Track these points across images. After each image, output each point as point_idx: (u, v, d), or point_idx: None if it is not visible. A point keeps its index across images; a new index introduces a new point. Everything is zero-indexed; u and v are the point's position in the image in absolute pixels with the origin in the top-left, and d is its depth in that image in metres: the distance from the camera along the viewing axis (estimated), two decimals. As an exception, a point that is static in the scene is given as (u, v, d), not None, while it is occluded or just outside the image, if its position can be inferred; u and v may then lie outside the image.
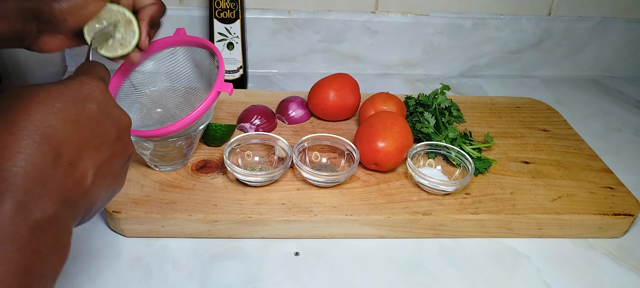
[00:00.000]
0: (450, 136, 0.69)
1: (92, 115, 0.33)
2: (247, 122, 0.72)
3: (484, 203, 0.62)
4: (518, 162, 0.71)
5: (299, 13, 0.90)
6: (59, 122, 0.30)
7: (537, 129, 0.79)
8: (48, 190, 0.29)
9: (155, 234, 0.58)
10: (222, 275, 0.54)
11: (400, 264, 0.58)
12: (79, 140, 0.31)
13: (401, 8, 0.92)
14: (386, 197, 0.62)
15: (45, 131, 0.29)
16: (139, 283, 0.53)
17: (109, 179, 0.35)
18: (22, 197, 0.27)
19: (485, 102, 0.85)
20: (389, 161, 0.63)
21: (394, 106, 0.71)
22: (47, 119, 0.30)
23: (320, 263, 0.57)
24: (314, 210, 0.59)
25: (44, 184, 0.28)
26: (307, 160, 0.67)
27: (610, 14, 0.98)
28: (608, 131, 0.86)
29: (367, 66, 0.97)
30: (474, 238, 0.62)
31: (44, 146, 0.29)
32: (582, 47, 1.01)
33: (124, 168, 0.38)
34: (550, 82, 1.01)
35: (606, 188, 0.66)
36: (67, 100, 0.31)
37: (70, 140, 0.31)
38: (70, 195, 0.31)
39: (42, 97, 0.30)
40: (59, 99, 0.31)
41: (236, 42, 0.82)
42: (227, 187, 0.61)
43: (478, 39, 0.96)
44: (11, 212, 0.26)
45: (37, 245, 0.27)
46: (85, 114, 0.32)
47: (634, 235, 0.64)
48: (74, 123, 0.31)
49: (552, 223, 0.61)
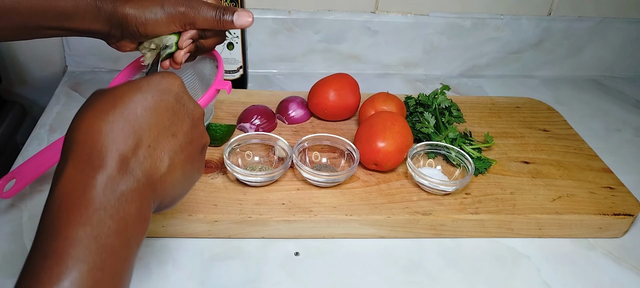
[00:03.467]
0: (450, 136, 0.69)
1: (169, 105, 0.37)
2: (247, 122, 0.72)
3: (484, 203, 0.62)
4: (518, 162, 0.71)
5: (299, 13, 0.90)
6: (140, 110, 0.35)
7: (537, 129, 0.79)
8: (131, 168, 0.33)
9: (155, 234, 0.58)
10: (222, 275, 0.55)
11: (400, 264, 0.58)
12: (157, 127, 0.36)
13: (401, 8, 0.92)
14: (386, 197, 0.62)
15: (129, 118, 0.34)
16: (139, 283, 0.53)
17: (187, 166, 0.39)
18: (112, 172, 0.32)
19: (485, 102, 0.85)
20: (389, 161, 0.63)
21: (394, 106, 0.71)
22: (130, 108, 0.34)
23: (320, 263, 0.57)
24: (314, 210, 0.59)
25: (128, 163, 0.33)
26: (307, 160, 0.67)
27: (611, 14, 0.98)
28: (608, 131, 0.86)
29: (367, 66, 0.97)
30: (474, 238, 0.62)
31: (127, 130, 0.34)
32: (582, 47, 1.01)
33: (201, 156, 0.41)
34: (550, 82, 1.01)
35: (606, 188, 0.66)
36: (147, 91, 0.36)
37: (151, 126, 0.35)
38: (149, 174, 0.35)
39: (126, 89, 0.35)
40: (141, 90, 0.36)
41: (236, 42, 0.82)
42: (227, 187, 0.61)
43: (478, 39, 0.96)
44: (103, 185, 0.32)
45: (124, 213, 0.32)
46: (163, 104, 0.36)
47: (634, 235, 0.64)
48: (153, 111, 0.36)
49: (552, 223, 0.61)
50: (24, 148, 0.70)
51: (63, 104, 0.81)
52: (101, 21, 0.50)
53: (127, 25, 0.51)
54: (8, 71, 0.90)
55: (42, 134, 0.73)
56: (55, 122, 0.76)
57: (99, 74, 0.90)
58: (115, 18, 0.50)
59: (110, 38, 0.53)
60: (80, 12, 0.49)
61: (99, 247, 0.30)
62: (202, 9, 0.52)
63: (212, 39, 0.57)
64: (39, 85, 0.92)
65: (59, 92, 0.84)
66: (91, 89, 0.84)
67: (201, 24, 0.53)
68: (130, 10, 0.50)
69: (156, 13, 0.51)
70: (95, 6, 0.49)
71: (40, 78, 0.91)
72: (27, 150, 0.70)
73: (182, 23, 0.52)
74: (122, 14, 0.50)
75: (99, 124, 0.33)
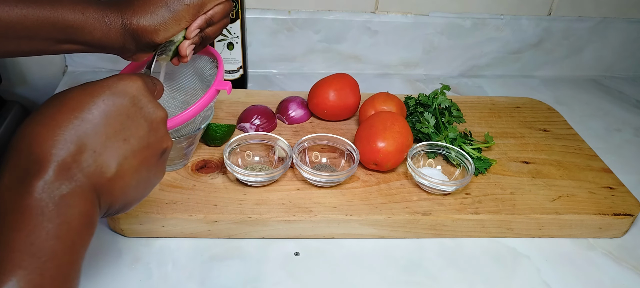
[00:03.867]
0: (450, 136, 0.69)
1: (122, 109, 0.36)
2: (247, 122, 0.72)
3: (484, 203, 0.62)
4: (518, 162, 0.71)
5: (299, 13, 0.90)
6: (87, 114, 0.34)
7: (537, 129, 0.79)
8: (72, 173, 0.33)
9: (155, 234, 0.58)
10: (222, 275, 0.55)
11: (400, 264, 0.58)
12: (105, 132, 0.35)
13: (401, 8, 0.92)
14: (386, 197, 0.62)
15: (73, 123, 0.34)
16: (139, 283, 0.53)
17: (142, 171, 0.38)
18: (49, 177, 0.32)
19: (485, 102, 0.85)
20: (389, 161, 0.63)
21: (394, 106, 0.71)
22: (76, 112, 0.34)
23: (320, 263, 0.57)
24: (314, 210, 0.59)
25: (69, 168, 0.33)
26: (307, 160, 0.67)
27: (611, 14, 0.98)
28: (608, 131, 0.86)
29: (367, 66, 0.97)
30: (474, 238, 0.62)
31: (70, 136, 0.33)
32: (582, 47, 1.01)
33: (160, 160, 0.41)
34: (550, 82, 1.01)
35: (606, 188, 0.66)
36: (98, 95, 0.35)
37: (97, 131, 0.35)
38: (94, 179, 0.35)
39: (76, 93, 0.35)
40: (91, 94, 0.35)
41: (236, 42, 0.82)
42: (227, 187, 0.61)
43: (478, 39, 0.96)
44: (40, 190, 0.32)
45: (65, 218, 0.32)
46: (115, 108, 0.36)
47: (634, 235, 0.64)
48: (103, 115, 0.35)
49: (552, 223, 0.61)
50: (24, 148, 0.70)
51: (63, 104, 0.81)
52: (112, 34, 0.50)
53: (140, 36, 0.50)
54: (8, 71, 0.90)
55: (42, 134, 0.73)
56: (55, 122, 0.76)
57: (99, 73, 0.90)
58: (128, 31, 0.49)
59: (125, 52, 0.52)
60: (88, 26, 0.49)
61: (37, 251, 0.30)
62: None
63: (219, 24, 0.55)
64: (39, 85, 0.92)
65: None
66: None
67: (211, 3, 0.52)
68: (139, 20, 0.49)
69: (163, 15, 0.50)
70: (103, 19, 0.49)
71: (40, 78, 0.91)
72: (27, 150, 0.70)
73: (191, 14, 0.51)
74: (133, 27, 0.49)
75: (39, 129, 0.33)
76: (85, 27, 0.49)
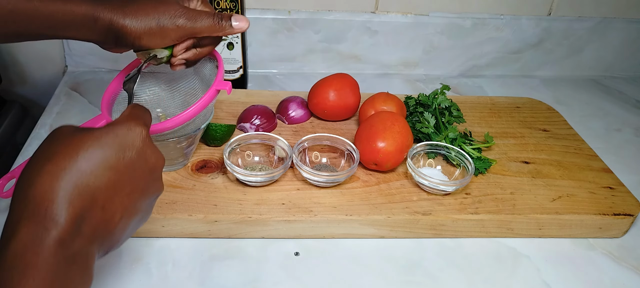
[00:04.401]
0: (450, 136, 0.69)
1: (129, 162, 0.36)
2: (247, 122, 0.72)
3: (484, 203, 0.62)
4: (518, 162, 0.71)
5: (299, 13, 0.90)
6: (99, 169, 0.34)
7: (537, 129, 0.79)
8: (82, 229, 0.33)
9: (155, 234, 0.58)
10: (222, 275, 0.55)
11: (400, 264, 0.58)
12: (114, 186, 0.35)
13: (401, 8, 0.92)
14: (386, 197, 0.62)
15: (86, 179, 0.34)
16: (139, 283, 0.53)
17: (137, 217, 0.39)
18: (63, 234, 0.32)
19: (485, 102, 0.85)
20: (389, 161, 0.63)
21: (394, 106, 0.71)
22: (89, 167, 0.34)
23: (320, 263, 0.57)
24: (314, 210, 0.59)
25: (80, 224, 0.33)
26: (307, 160, 0.67)
27: (611, 14, 0.98)
28: (608, 131, 0.86)
29: (367, 66, 0.97)
30: (474, 238, 0.62)
31: (83, 190, 0.33)
32: (582, 47, 1.01)
33: (151, 205, 0.41)
34: (550, 82, 1.01)
35: (606, 188, 0.66)
36: (110, 148, 0.35)
37: (107, 186, 0.35)
38: (99, 233, 0.35)
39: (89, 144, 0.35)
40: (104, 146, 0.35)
41: (236, 42, 0.82)
42: (227, 187, 0.61)
43: (478, 39, 0.96)
44: (55, 247, 0.32)
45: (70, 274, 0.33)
46: (124, 162, 0.36)
47: (634, 235, 0.64)
48: (112, 170, 0.35)
49: (552, 223, 0.61)
50: (24, 148, 0.70)
51: (63, 103, 0.81)
52: (96, 32, 0.50)
53: (123, 37, 0.50)
54: (8, 71, 0.90)
55: (42, 134, 0.73)
56: (55, 122, 0.76)
57: (99, 73, 0.90)
58: (112, 30, 0.49)
59: (104, 45, 0.53)
60: (76, 24, 0.48)
61: None
62: (200, 19, 0.52)
63: (208, 47, 0.57)
64: (39, 85, 0.92)
65: (59, 92, 0.84)
66: (91, 89, 0.85)
67: (201, 33, 0.53)
68: (127, 22, 0.49)
69: (151, 26, 0.50)
70: (93, 18, 0.49)
71: (40, 78, 0.91)
72: (27, 150, 0.70)
73: (179, 36, 0.52)
74: (119, 26, 0.49)
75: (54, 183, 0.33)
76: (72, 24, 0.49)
